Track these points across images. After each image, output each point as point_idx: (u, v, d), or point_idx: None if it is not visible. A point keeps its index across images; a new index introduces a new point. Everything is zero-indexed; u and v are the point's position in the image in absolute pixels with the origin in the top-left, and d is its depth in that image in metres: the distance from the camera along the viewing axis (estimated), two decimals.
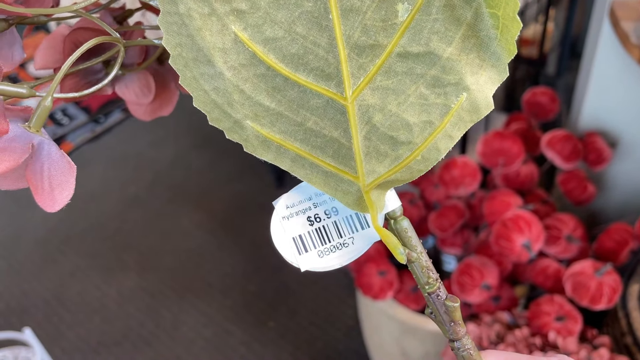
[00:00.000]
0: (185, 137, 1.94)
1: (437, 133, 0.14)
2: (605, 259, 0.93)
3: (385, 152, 0.14)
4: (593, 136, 1.02)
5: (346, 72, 0.13)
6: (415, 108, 0.13)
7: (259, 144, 0.15)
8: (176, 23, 0.13)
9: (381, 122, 0.14)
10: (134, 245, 1.57)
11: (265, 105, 0.14)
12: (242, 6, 0.12)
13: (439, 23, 0.13)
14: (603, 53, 0.97)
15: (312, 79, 0.13)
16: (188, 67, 0.14)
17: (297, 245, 0.16)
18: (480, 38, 0.13)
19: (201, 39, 0.13)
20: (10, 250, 1.60)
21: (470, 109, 0.14)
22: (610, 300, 0.85)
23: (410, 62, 0.13)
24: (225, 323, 1.35)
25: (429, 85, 0.13)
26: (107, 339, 1.34)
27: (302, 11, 0.12)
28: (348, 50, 0.13)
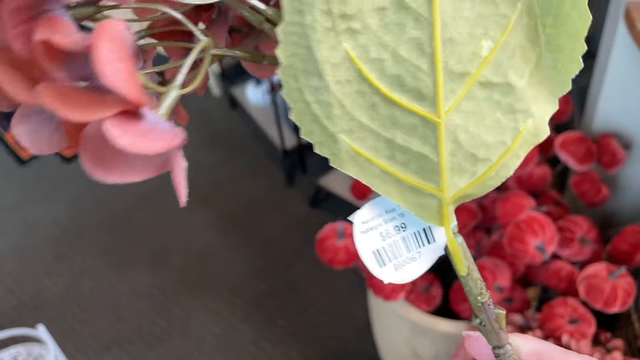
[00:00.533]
0: (194, 136, 1.95)
1: (508, 152, 0.16)
2: (619, 262, 0.93)
3: (466, 167, 0.16)
4: (607, 138, 1.01)
5: (440, 93, 0.15)
6: (492, 130, 0.16)
7: (348, 158, 0.16)
8: (297, 34, 0.14)
9: (465, 141, 0.16)
10: (145, 243, 1.58)
11: (360, 121, 0.15)
12: (356, 26, 0.14)
13: (514, 60, 0.16)
14: (618, 54, 0.96)
15: (407, 99, 0.15)
16: (296, 78, 0.15)
17: (376, 258, 0.17)
18: (542, 77, 0.16)
19: (318, 51, 0.14)
20: (22, 248, 1.62)
21: (533, 133, 0.17)
22: (625, 303, 0.84)
23: (489, 90, 0.16)
24: (235, 321, 1.35)
25: (503, 111, 0.16)
26: (119, 336, 1.35)
27: (408, 37, 0.15)
28: (444, 75, 0.15)
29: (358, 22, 0.14)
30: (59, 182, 1.83)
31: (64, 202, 1.75)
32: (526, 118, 0.16)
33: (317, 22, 0.14)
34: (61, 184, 1.82)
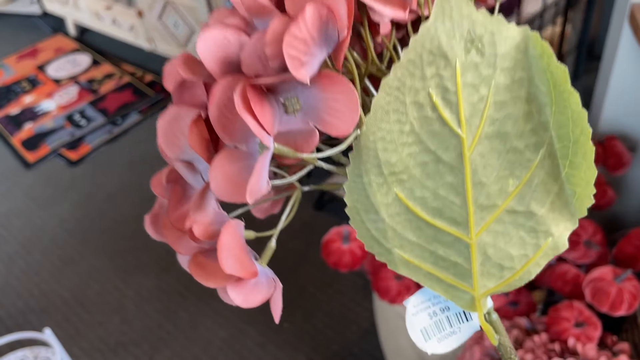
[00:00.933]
0: None
1: (530, 262, 0.20)
2: (625, 265, 0.93)
3: (494, 273, 0.20)
4: (612, 140, 1.01)
5: (472, 221, 0.20)
6: (517, 245, 0.20)
7: (401, 264, 0.20)
8: (358, 187, 0.19)
9: (493, 254, 0.20)
10: (152, 247, 1.58)
11: (409, 239, 0.20)
12: (403, 177, 0.19)
13: (536, 193, 0.20)
14: (623, 57, 0.96)
15: (445, 223, 0.20)
16: (359, 214, 0.20)
17: (423, 334, 0.22)
18: (562, 203, 0.20)
19: (373, 197, 0.19)
20: (29, 251, 1.62)
21: (553, 247, 0.21)
22: (631, 306, 0.84)
23: (515, 216, 0.20)
24: (241, 324, 1.36)
25: (527, 231, 0.20)
26: (126, 339, 1.36)
27: (445, 182, 0.19)
28: (474, 208, 0.19)
29: (405, 174, 0.19)
30: (64, 185, 1.84)
31: (70, 206, 1.76)
32: (547, 236, 0.20)
33: (372, 181, 0.19)
34: (67, 187, 1.83)
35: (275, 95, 0.15)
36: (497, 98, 0.18)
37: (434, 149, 0.18)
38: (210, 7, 1.78)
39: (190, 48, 2.03)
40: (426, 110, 0.18)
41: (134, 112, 2.13)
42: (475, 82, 0.18)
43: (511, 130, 0.19)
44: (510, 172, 0.19)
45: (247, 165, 0.16)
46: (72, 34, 2.67)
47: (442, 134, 0.18)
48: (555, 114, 0.19)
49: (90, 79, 2.34)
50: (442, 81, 0.18)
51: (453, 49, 0.18)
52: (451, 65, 0.18)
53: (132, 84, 2.28)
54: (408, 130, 0.18)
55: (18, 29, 2.82)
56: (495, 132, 0.19)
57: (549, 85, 0.19)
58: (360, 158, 0.19)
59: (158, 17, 2.04)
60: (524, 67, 0.18)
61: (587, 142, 0.20)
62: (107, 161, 1.91)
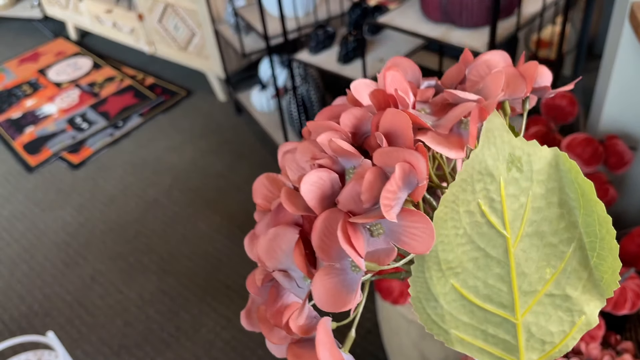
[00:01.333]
0: (202, 142, 1.96)
1: (568, 337, 0.24)
2: (627, 264, 0.92)
3: (537, 347, 0.24)
4: (614, 139, 1.01)
5: (517, 305, 0.23)
6: (555, 323, 0.24)
7: (457, 342, 0.24)
8: (420, 281, 0.23)
9: (536, 331, 0.24)
10: (154, 249, 1.58)
11: (463, 321, 0.23)
12: (458, 270, 0.23)
13: (570, 279, 0.23)
14: (623, 56, 0.96)
15: (494, 307, 0.23)
16: (420, 302, 0.23)
17: None
18: (592, 286, 0.23)
19: (433, 288, 0.23)
20: (32, 255, 1.63)
21: (586, 323, 0.24)
22: (634, 305, 0.84)
23: (553, 299, 0.23)
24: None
25: (563, 311, 0.24)
26: (129, 342, 1.36)
27: (493, 273, 0.23)
28: (519, 294, 0.23)
29: (459, 268, 0.23)
30: (66, 188, 1.85)
31: (72, 209, 1.76)
32: (581, 314, 0.24)
33: (433, 275, 0.23)
34: (69, 190, 1.84)
35: (364, 223, 0.20)
36: (534, 204, 0.23)
37: (483, 247, 0.23)
38: (210, 9, 1.78)
39: (190, 51, 2.03)
40: (476, 217, 0.22)
41: (135, 115, 2.13)
42: (516, 193, 0.22)
43: (547, 229, 0.23)
44: (547, 262, 0.23)
45: (341, 280, 0.20)
46: (73, 38, 2.68)
47: (490, 235, 0.23)
48: (583, 215, 0.23)
49: (91, 83, 2.35)
50: (488, 194, 0.22)
51: (498, 169, 0.22)
52: (496, 181, 0.22)
53: (133, 87, 2.28)
54: (462, 234, 0.22)
55: (19, 33, 2.83)
56: (533, 231, 0.23)
57: (578, 194, 0.23)
58: (423, 259, 0.23)
59: (158, 20, 2.05)
60: (555, 178, 0.23)
61: (612, 240, 0.23)
62: (109, 164, 1.92)
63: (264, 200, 0.24)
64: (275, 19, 1.50)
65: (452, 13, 1.05)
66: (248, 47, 1.76)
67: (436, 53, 1.79)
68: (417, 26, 1.09)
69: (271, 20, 1.52)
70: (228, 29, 1.83)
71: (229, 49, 1.94)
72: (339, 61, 1.33)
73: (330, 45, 1.39)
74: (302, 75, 1.60)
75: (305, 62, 1.38)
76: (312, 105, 1.61)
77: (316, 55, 1.38)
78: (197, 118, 2.07)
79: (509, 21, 1.07)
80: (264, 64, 1.82)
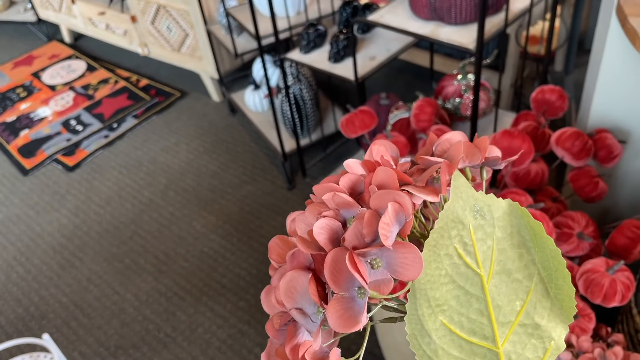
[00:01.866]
0: (196, 142, 1.97)
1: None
2: (618, 256, 0.93)
3: None
4: (603, 133, 1.01)
5: (497, 335, 0.26)
6: (531, 350, 0.27)
7: None
8: (414, 318, 0.26)
9: (516, 357, 0.27)
10: (150, 250, 1.59)
11: (454, 355, 0.26)
12: (444, 307, 0.26)
13: (536, 309, 0.27)
14: (611, 50, 0.97)
15: (478, 339, 0.26)
16: (416, 338, 0.26)
17: None
18: (555, 314, 0.27)
19: (426, 325, 0.26)
20: (27, 257, 1.63)
21: (555, 348, 0.27)
22: (624, 297, 0.85)
23: (525, 328, 0.26)
24: (239, 324, 1.36)
25: (535, 338, 0.27)
26: (125, 343, 1.37)
27: (474, 308, 0.26)
28: (497, 325, 0.26)
29: (445, 305, 0.26)
30: (62, 191, 1.85)
31: (68, 211, 1.76)
32: (550, 340, 0.27)
33: (425, 312, 0.26)
34: (64, 193, 1.84)
35: (365, 257, 0.24)
36: (498, 246, 0.26)
37: (462, 285, 0.26)
38: (202, 10, 1.79)
39: (183, 52, 2.03)
40: (454, 259, 0.26)
41: (129, 116, 2.13)
42: (483, 237, 0.26)
43: (512, 267, 0.26)
44: (516, 296, 0.26)
45: (350, 306, 0.24)
46: (66, 41, 2.68)
47: (467, 274, 0.26)
48: (538, 252, 0.27)
49: (86, 85, 2.35)
50: (462, 239, 0.26)
51: (466, 217, 0.26)
52: (466, 227, 0.26)
53: (127, 88, 2.29)
54: (444, 274, 0.26)
55: (13, 36, 2.83)
56: (501, 269, 0.26)
57: (531, 234, 0.27)
58: (415, 297, 0.26)
59: (151, 22, 2.05)
60: (512, 224, 0.27)
61: (564, 270, 0.27)
62: (104, 166, 1.92)
63: (278, 257, 0.28)
64: (266, 18, 1.51)
65: (441, 10, 1.06)
66: (240, 47, 1.77)
67: (427, 51, 1.79)
68: (406, 23, 1.10)
69: (263, 19, 1.52)
70: (220, 29, 1.83)
71: (222, 50, 1.95)
72: (330, 60, 1.33)
73: (322, 44, 1.39)
74: (294, 75, 1.60)
75: (297, 61, 1.38)
76: (305, 105, 1.61)
77: (307, 54, 1.38)
78: (192, 119, 2.08)
79: (497, 17, 1.07)
80: (257, 64, 1.82)
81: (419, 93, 1.26)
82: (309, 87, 1.62)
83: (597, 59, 1.04)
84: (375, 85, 2.01)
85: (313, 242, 0.25)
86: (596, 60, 1.04)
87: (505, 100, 1.66)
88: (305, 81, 1.61)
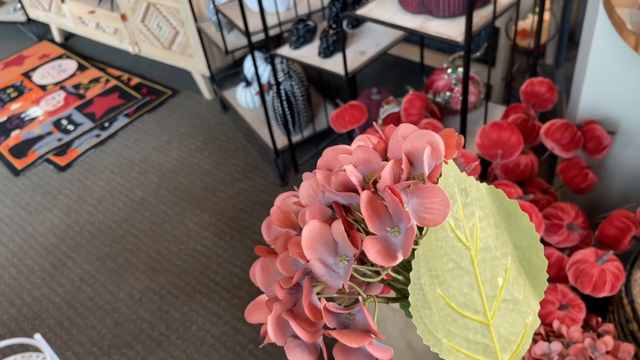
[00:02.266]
0: (189, 140, 1.96)
1: (524, 336, 0.28)
2: (607, 247, 0.93)
3: (507, 348, 0.28)
4: (592, 124, 1.02)
5: (486, 308, 0.28)
6: (514, 324, 0.28)
7: (446, 350, 0.27)
8: (417, 287, 0.26)
9: (503, 332, 0.28)
10: (142, 248, 1.58)
11: (451, 330, 0.27)
12: (441, 280, 0.27)
13: (514, 285, 0.28)
14: (599, 41, 0.97)
15: (470, 313, 0.27)
16: (419, 311, 0.26)
17: None
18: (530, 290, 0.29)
19: (427, 295, 0.26)
20: (20, 258, 1.62)
21: (533, 322, 0.29)
22: (613, 287, 0.85)
23: (507, 303, 0.28)
24: (233, 321, 1.36)
25: (516, 313, 0.28)
26: (119, 342, 1.36)
27: (465, 281, 0.27)
28: (485, 298, 0.28)
29: (442, 278, 0.27)
30: (53, 191, 1.84)
31: (60, 211, 1.76)
32: (528, 315, 0.28)
33: (426, 282, 0.26)
34: (56, 193, 1.83)
35: None
36: (480, 224, 0.28)
37: (455, 258, 0.27)
38: (192, 7, 1.78)
39: (174, 50, 2.03)
40: (448, 232, 0.27)
41: (121, 115, 2.12)
42: (468, 215, 0.27)
43: (491, 245, 0.28)
44: (497, 272, 0.28)
45: (387, 244, 0.25)
46: (57, 40, 2.66)
47: (459, 248, 0.27)
48: (514, 230, 0.29)
49: (77, 84, 2.34)
50: (453, 213, 0.27)
51: (455, 194, 0.27)
52: (457, 203, 0.27)
53: (119, 87, 2.28)
54: (441, 246, 0.27)
55: (3, 36, 2.81)
56: (484, 246, 0.28)
57: (506, 214, 0.29)
58: (419, 264, 0.26)
59: (141, 20, 2.04)
60: (489, 205, 0.28)
61: (537, 244, 0.29)
62: (96, 165, 1.91)
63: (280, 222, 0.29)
64: (256, 14, 1.50)
65: (429, 3, 1.06)
66: (231, 44, 1.76)
67: (419, 46, 1.79)
68: (395, 17, 1.10)
69: (252, 16, 1.52)
70: (211, 26, 1.83)
71: (212, 47, 1.94)
72: (319, 55, 1.33)
73: (312, 40, 1.39)
74: (285, 71, 1.60)
75: (287, 57, 1.38)
76: (297, 101, 1.61)
77: (297, 50, 1.38)
78: (183, 117, 2.07)
79: (485, 10, 1.07)
80: (248, 61, 1.82)
81: (409, 87, 1.26)
82: (300, 83, 1.61)
83: (585, 50, 1.04)
84: (367, 80, 2.01)
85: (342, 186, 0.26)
86: (585, 51, 1.05)
87: (496, 94, 1.66)
88: (296, 77, 1.61)
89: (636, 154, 1.05)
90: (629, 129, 1.03)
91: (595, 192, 1.08)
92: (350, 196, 0.26)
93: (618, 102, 1.02)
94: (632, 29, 0.84)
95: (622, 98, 1.01)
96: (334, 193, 0.26)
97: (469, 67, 1.02)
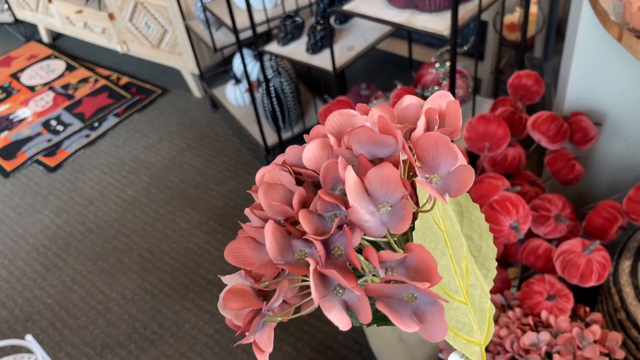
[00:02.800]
0: (179, 139, 1.95)
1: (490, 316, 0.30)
2: (595, 237, 0.94)
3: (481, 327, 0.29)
4: (578, 115, 1.02)
5: (462, 289, 0.29)
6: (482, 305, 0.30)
7: None
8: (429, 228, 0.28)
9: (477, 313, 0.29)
10: (134, 248, 1.58)
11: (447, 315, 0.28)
12: None
13: (472, 274, 0.30)
14: (584, 32, 0.97)
15: (452, 293, 0.28)
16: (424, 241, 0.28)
17: None
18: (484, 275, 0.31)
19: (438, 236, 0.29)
20: (10, 260, 1.61)
21: (490, 307, 0.31)
22: (600, 277, 0.86)
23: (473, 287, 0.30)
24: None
25: (479, 296, 0.30)
26: (112, 342, 1.36)
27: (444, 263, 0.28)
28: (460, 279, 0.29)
29: None
30: (44, 192, 1.83)
31: (50, 212, 1.75)
32: (487, 298, 0.30)
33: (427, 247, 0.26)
34: (46, 194, 1.82)
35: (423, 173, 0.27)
36: (442, 213, 0.29)
37: (435, 241, 0.28)
38: (179, 5, 1.77)
39: (163, 48, 2.02)
40: (429, 214, 0.28)
41: (110, 115, 2.11)
42: (437, 204, 0.28)
43: (452, 234, 0.29)
44: (461, 259, 0.29)
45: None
46: (45, 41, 2.65)
47: (435, 231, 0.28)
48: (465, 222, 0.31)
49: (65, 85, 2.32)
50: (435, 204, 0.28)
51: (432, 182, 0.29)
52: None
53: (108, 87, 2.27)
54: (429, 227, 0.28)
55: None
56: (449, 233, 0.29)
57: (458, 205, 0.30)
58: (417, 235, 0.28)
59: (129, 19, 2.03)
60: None
61: (487, 233, 0.31)
62: (86, 165, 1.90)
63: None
64: (244, 12, 1.50)
65: None
66: (219, 42, 1.76)
67: (406, 40, 1.79)
68: (381, 12, 1.10)
69: (240, 13, 1.52)
70: (199, 24, 1.82)
71: (201, 45, 1.93)
72: (307, 51, 1.33)
73: (300, 36, 1.39)
74: (274, 68, 1.60)
75: (275, 53, 1.37)
76: (286, 98, 1.61)
77: (285, 46, 1.38)
78: (173, 115, 2.07)
79: (471, 3, 1.08)
80: (237, 59, 1.82)
81: (398, 82, 1.26)
82: (289, 80, 1.61)
83: (571, 42, 1.04)
84: (356, 76, 2.01)
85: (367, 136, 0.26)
86: (570, 43, 1.05)
87: (485, 88, 1.67)
88: (285, 74, 1.61)
89: (623, 144, 1.06)
90: (615, 120, 1.04)
91: (582, 183, 1.09)
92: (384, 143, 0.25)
93: (604, 93, 1.03)
94: (616, 19, 0.85)
95: (607, 89, 1.02)
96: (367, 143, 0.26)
97: (456, 61, 1.02)
